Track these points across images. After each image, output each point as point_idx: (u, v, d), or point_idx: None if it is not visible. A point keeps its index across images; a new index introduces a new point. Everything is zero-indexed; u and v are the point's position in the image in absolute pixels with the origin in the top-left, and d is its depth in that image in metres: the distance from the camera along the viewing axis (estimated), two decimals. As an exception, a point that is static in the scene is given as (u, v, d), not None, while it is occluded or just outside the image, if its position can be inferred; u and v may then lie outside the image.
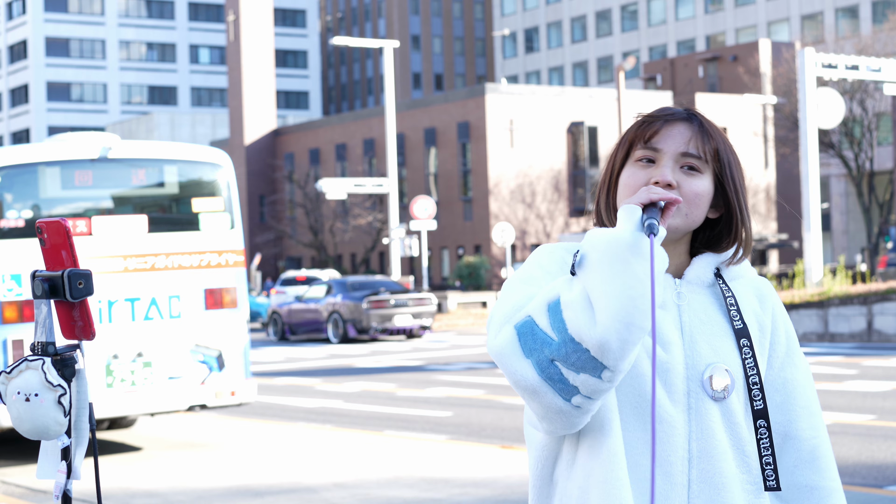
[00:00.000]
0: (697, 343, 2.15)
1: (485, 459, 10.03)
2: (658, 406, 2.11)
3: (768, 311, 2.24)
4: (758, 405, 2.14)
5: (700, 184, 2.17)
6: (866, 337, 22.91)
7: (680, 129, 2.18)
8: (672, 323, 2.15)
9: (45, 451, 2.29)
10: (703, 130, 2.20)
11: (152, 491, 9.20)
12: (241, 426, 13.08)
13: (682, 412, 2.12)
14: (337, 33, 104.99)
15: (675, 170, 2.16)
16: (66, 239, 2.21)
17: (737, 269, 2.24)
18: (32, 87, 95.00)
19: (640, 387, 2.11)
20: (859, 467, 9.26)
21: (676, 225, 2.16)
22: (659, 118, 2.20)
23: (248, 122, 66.58)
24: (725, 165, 2.19)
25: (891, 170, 55.86)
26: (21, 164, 10.53)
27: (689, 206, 2.16)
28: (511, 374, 2.05)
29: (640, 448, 2.11)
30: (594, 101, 57.28)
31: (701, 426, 2.12)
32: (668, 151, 2.17)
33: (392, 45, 40.86)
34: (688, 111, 2.22)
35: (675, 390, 2.12)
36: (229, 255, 11.12)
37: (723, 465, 2.12)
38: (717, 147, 2.19)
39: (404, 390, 16.54)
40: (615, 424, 2.09)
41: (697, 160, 2.17)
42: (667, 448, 2.11)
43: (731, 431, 2.14)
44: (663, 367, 2.12)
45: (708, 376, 2.13)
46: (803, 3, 73.97)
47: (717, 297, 2.20)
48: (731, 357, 2.15)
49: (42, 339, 2.23)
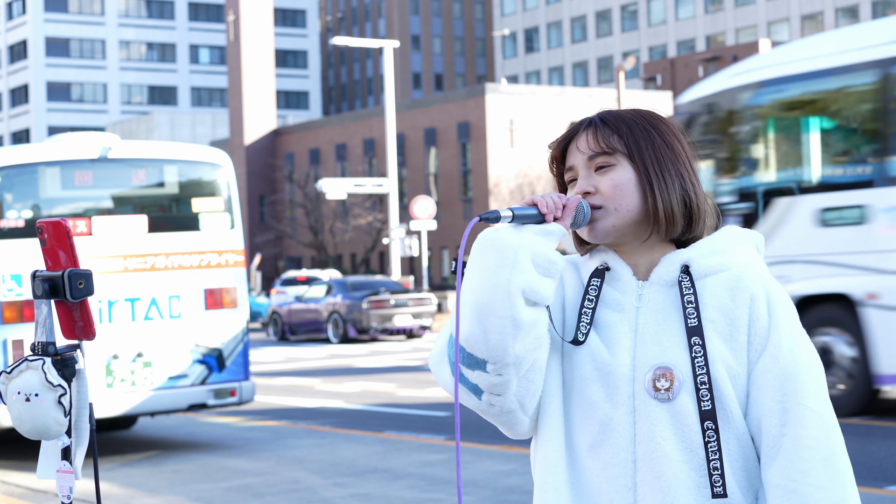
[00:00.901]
0: (647, 344, 2.12)
1: (485, 459, 10.03)
2: (600, 409, 2.12)
3: (742, 302, 2.11)
4: (705, 406, 2.07)
5: (614, 175, 2.15)
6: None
7: (582, 138, 2.20)
8: (626, 325, 2.14)
9: (46, 451, 2.29)
10: (602, 124, 2.19)
11: (152, 491, 9.21)
12: (241, 426, 13.08)
13: (625, 415, 2.10)
14: (337, 33, 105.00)
15: (591, 175, 2.17)
16: (67, 239, 2.21)
17: (710, 264, 2.14)
18: (32, 87, 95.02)
19: (583, 390, 2.13)
20: (859, 467, 9.26)
21: (613, 223, 2.14)
22: (565, 137, 2.23)
23: (248, 122, 66.59)
24: (633, 146, 2.16)
25: (891, 170, 55.87)
26: (21, 164, 10.53)
27: (611, 200, 2.14)
28: (439, 381, 2.16)
29: (584, 452, 2.13)
30: (594, 101, 57.28)
31: (645, 428, 2.09)
32: (578, 163, 2.19)
33: (392, 45, 40.87)
34: (592, 116, 2.23)
35: (618, 392, 2.11)
36: (229, 255, 11.12)
37: (668, 468, 2.07)
38: (618, 131, 2.17)
39: (404, 390, 16.54)
40: (554, 428, 2.14)
41: (603, 156, 2.17)
42: (609, 451, 2.10)
43: (681, 433, 2.08)
44: (606, 369, 2.12)
45: (650, 377, 2.10)
46: (803, 3, 73.99)
47: (677, 295, 2.15)
48: (680, 357, 2.09)
49: (42, 339, 2.24)
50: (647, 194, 2.14)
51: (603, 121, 2.20)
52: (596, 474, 2.11)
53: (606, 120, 2.20)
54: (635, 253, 2.19)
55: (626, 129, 2.18)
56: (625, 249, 2.19)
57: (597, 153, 2.17)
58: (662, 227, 2.15)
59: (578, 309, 2.17)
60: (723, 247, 2.17)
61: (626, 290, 2.17)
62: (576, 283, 2.21)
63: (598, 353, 2.13)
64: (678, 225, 2.15)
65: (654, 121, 2.20)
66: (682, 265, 2.15)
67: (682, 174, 2.17)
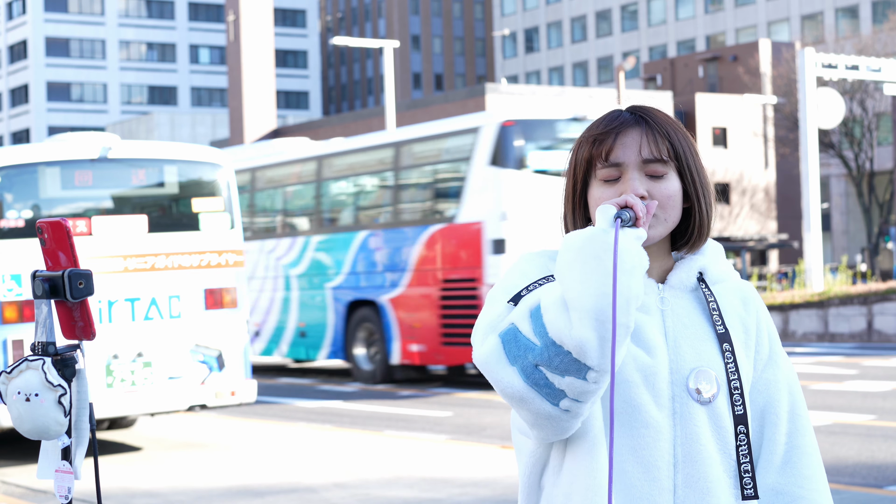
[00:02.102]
0: (681, 347, 2.13)
1: (485, 459, 10.03)
2: (644, 411, 2.10)
3: (752, 314, 2.21)
4: (738, 410, 2.12)
5: (669, 185, 2.14)
6: (866, 337, 22.91)
7: (633, 137, 2.15)
8: (656, 328, 2.14)
9: (46, 451, 2.29)
10: (655, 129, 2.16)
11: (152, 491, 9.20)
12: (241, 426, 13.08)
13: (667, 416, 2.11)
14: (337, 33, 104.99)
15: (642, 179, 2.14)
16: (67, 239, 2.21)
17: (719, 272, 2.21)
18: (32, 87, 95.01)
19: (625, 393, 2.10)
20: (859, 467, 9.26)
21: (661, 233, 2.15)
22: (611, 132, 2.15)
23: (248, 122, 66.59)
24: (682, 157, 2.16)
25: (891, 170, 55.86)
26: (21, 164, 10.53)
27: (664, 210, 2.14)
28: (497, 383, 2.04)
29: (625, 455, 2.11)
30: (594, 102, 57.28)
31: (686, 430, 2.10)
32: (629, 163, 2.14)
33: (392, 45, 40.87)
34: (634, 112, 2.18)
35: (661, 395, 2.11)
36: (229, 255, 11.12)
37: (708, 470, 2.10)
38: (671, 141, 2.15)
39: (404, 390, 16.54)
40: (598, 431, 2.09)
41: (659, 163, 2.14)
42: (653, 452, 2.10)
43: (718, 436, 2.12)
44: (649, 371, 2.11)
45: (693, 380, 2.11)
46: (803, 3, 73.98)
47: (700, 301, 2.18)
48: (715, 361, 2.13)
49: (42, 339, 2.23)
50: (692, 209, 2.17)
51: (655, 122, 2.16)
52: (637, 477, 2.10)
53: (657, 122, 2.17)
54: (650, 256, 2.18)
55: (677, 138, 2.17)
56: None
57: (655, 159, 2.14)
58: (693, 238, 2.18)
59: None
60: (720, 256, 2.24)
61: (648, 291, 2.17)
62: None
63: (638, 356, 2.12)
64: (705, 238, 2.20)
65: (684, 130, 2.20)
66: (698, 271, 2.19)
67: (709, 188, 2.20)
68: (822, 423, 11.48)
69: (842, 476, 8.81)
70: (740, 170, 61.05)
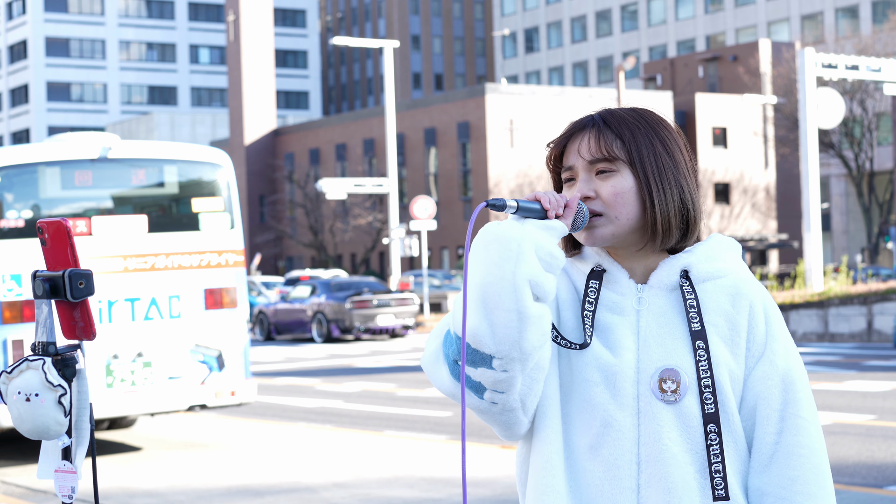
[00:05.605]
0: (651, 347, 2.12)
1: (485, 459, 10.03)
2: (603, 410, 2.11)
3: (743, 309, 2.15)
4: (709, 409, 2.08)
5: (616, 182, 2.13)
6: (866, 337, 22.91)
7: (583, 138, 2.16)
8: (628, 328, 2.14)
9: (46, 451, 2.29)
10: (604, 128, 2.16)
11: (152, 491, 9.21)
12: (241, 426, 13.08)
13: (630, 416, 2.10)
14: (337, 33, 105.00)
15: (592, 179, 2.15)
16: (67, 239, 2.21)
17: (709, 269, 2.17)
18: (32, 87, 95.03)
19: (584, 392, 2.12)
20: (859, 467, 9.26)
21: (612, 231, 2.14)
22: (565, 136, 2.19)
23: (248, 122, 66.60)
24: (635, 154, 2.14)
25: (891, 170, 55.88)
26: (21, 164, 10.53)
27: (612, 208, 2.13)
28: (434, 382, 2.10)
29: (584, 453, 2.12)
30: (594, 101, 57.26)
31: (650, 430, 2.09)
32: (577, 165, 2.16)
33: (392, 45, 40.87)
34: (593, 115, 2.19)
35: (623, 394, 2.11)
36: (229, 255, 11.12)
37: (673, 470, 2.08)
38: (622, 137, 2.14)
39: (404, 390, 16.54)
40: (552, 430, 2.12)
41: (605, 161, 2.14)
42: (614, 451, 2.10)
43: (686, 435, 2.09)
44: (609, 370, 2.11)
45: (657, 379, 2.10)
46: (803, 3, 73.98)
47: (678, 299, 2.16)
48: (685, 360, 2.11)
49: (43, 339, 2.23)
50: (646, 205, 2.14)
51: (605, 123, 2.17)
52: (597, 476, 2.11)
53: (609, 123, 2.17)
54: (630, 257, 2.19)
55: (629, 135, 2.15)
56: (620, 253, 2.20)
57: (600, 158, 2.15)
58: (659, 237, 2.15)
59: (578, 310, 2.17)
60: (718, 253, 2.20)
61: (625, 292, 2.17)
62: (566, 283, 2.20)
63: (601, 355, 2.12)
64: (674, 236, 2.16)
65: (657, 126, 2.18)
66: (682, 270, 2.16)
67: (681, 184, 2.16)
68: (822, 423, 11.44)
69: (842, 476, 8.81)
70: (740, 170, 61.07)
